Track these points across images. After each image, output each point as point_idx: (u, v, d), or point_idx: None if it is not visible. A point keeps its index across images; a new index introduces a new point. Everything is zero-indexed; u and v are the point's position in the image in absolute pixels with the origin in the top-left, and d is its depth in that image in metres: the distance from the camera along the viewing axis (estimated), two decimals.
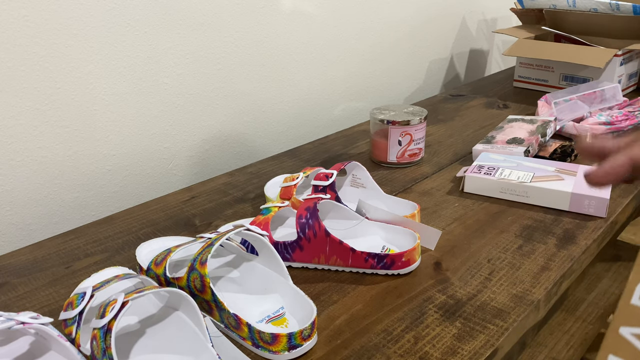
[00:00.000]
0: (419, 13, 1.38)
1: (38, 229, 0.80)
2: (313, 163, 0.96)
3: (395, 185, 0.86)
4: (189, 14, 0.89)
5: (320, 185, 0.70)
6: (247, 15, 0.98)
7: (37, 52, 0.73)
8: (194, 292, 0.54)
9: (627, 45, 1.21)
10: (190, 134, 0.96)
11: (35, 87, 0.75)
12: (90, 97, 0.81)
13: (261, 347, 0.51)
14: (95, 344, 0.46)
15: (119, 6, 0.80)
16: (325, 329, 0.55)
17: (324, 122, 1.21)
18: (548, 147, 0.94)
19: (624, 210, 0.78)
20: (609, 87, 1.08)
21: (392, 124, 0.88)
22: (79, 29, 0.77)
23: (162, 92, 0.89)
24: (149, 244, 0.65)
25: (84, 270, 0.67)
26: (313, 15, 1.10)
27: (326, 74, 1.18)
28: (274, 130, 1.10)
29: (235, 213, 0.79)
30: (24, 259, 0.69)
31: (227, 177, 0.92)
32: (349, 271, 0.64)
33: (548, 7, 1.34)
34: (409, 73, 1.42)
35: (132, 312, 0.55)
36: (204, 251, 0.54)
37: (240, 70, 1.00)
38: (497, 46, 1.79)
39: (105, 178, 0.86)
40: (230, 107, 1.01)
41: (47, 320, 0.47)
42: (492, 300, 0.58)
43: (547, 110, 1.05)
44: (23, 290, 0.63)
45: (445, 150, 0.99)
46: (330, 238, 0.62)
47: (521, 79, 1.38)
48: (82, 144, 0.82)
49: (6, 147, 0.74)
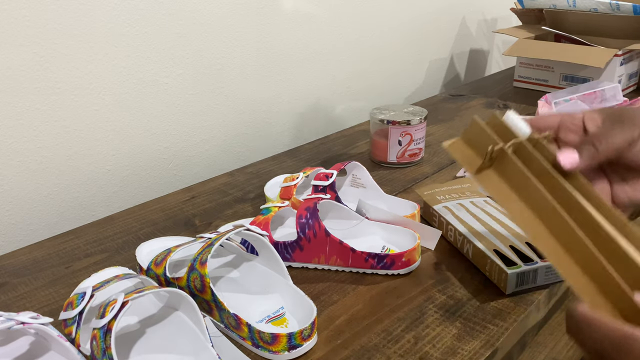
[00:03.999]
0: (419, 13, 1.38)
1: (38, 229, 0.80)
2: (313, 163, 0.96)
3: (395, 185, 0.86)
4: (189, 14, 0.89)
5: (320, 185, 0.70)
6: (247, 15, 0.98)
7: (37, 52, 0.73)
8: (194, 292, 0.54)
9: (627, 45, 1.21)
10: (190, 134, 0.96)
11: (35, 87, 0.75)
12: (90, 97, 0.81)
13: (261, 347, 0.51)
14: (95, 344, 0.46)
15: (119, 6, 0.80)
16: (325, 329, 0.55)
17: (324, 122, 1.21)
18: None
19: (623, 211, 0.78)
20: (609, 87, 1.08)
21: (392, 124, 0.88)
22: (79, 29, 0.77)
23: (162, 92, 0.89)
24: (149, 244, 0.65)
25: (83, 270, 0.67)
26: (313, 16, 1.10)
27: (326, 74, 1.18)
28: (274, 130, 1.10)
29: (235, 213, 0.79)
30: (24, 259, 0.69)
31: (227, 177, 0.92)
32: (349, 271, 0.64)
33: (548, 7, 1.34)
34: (409, 73, 1.42)
35: (132, 312, 0.55)
36: (204, 251, 0.54)
37: (240, 70, 1.00)
38: (497, 46, 1.78)
39: (105, 178, 0.86)
40: (230, 107, 1.01)
41: (47, 320, 0.47)
42: (492, 300, 0.58)
43: (547, 110, 1.05)
44: (23, 290, 0.63)
45: (445, 151, 0.99)
46: (330, 238, 0.62)
47: (521, 79, 1.37)
48: (82, 144, 0.82)
49: (6, 147, 0.74)
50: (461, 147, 0.47)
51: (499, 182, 0.43)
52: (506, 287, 0.58)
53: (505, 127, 0.45)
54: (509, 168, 0.42)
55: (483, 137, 0.44)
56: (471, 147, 0.46)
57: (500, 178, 0.43)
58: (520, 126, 0.44)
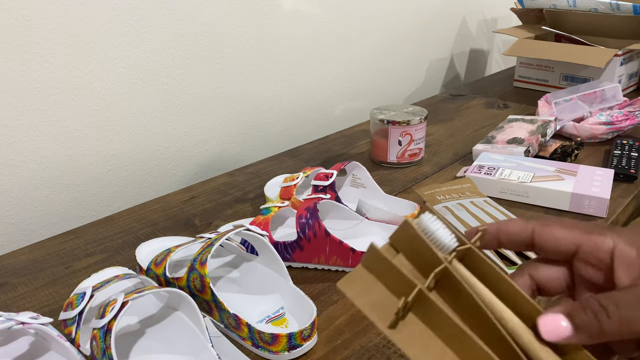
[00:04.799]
0: (419, 13, 1.38)
1: (38, 229, 0.80)
2: (313, 163, 0.96)
3: (395, 185, 0.86)
4: (189, 14, 0.89)
5: (320, 185, 0.70)
6: (247, 15, 0.98)
7: (37, 52, 0.73)
8: (194, 292, 0.54)
9: (627, 45, 1.21)
10: (190, 134, 0.96)
11: (35, 87, 0.75)
12: (90, 97, 0.81)
13: (261, 347, 0.51)
14: (95, 344, 0.45)
15: (119, 6, 0.80)
16: (325, 329, 0.55)
17: (324, 122, 1.21)
18: (548, 147, 0.94)
19: (624, 211, 0.78)
20: (609, 87, 1.08)
21: (392, 124, 0.88)
22: (79, 29, 0.77)
23: (162, 92, 0.89)
24: (148, 244, 0.65)
25: (83, 270, 0.67)
26: (313, 15, 1.10)
27: (326, 74, 1.18)
28: (274, 130, 1.10)
29: (235, 213, 0.79)
30: (24, 259, 0.69)
31: (227, 177, 0.91)
32: (349, 271, 0.64)
33: (548, 7, 1.34)
34: (409, 73, 1.42)
35: (132, 312, 0.55)
36: (204, 251, 0.54)
37: (240, 70, 1.00)
38: (497, 46, 1.78)
39: (105, 178, 0.86)
40: (230, 107, 1.01)
41: (46, 320, 0.47)
42: None
43: (547, 110, 1.05)
44: (23, 290, 0.63)
45: (445, 150, 0.99)
46: (330, 238, 0.62)
47: (521, 79, 1.37)
48: (82, 144, 0.82)
49: (6, 147, 0.74)
50: (364, 284, 0.30)
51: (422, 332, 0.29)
52: None
53: (420, 240, 0.29)
54: (431, 312, 0.28)
55: (390, 272, 0.29)
56: (378, 282, 0.30)
57: (423, 326, 0.29)
58: (442, 239, 0.30)
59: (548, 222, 0.32)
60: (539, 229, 0.31)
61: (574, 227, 0.31)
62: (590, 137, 0.99)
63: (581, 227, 0.31)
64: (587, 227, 0.31)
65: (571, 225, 0.31)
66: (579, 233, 0.30)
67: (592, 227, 0.31)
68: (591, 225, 0.31)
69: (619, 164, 0.86)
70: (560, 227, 0.31)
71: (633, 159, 0.88)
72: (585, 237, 0.30)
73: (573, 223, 0.31)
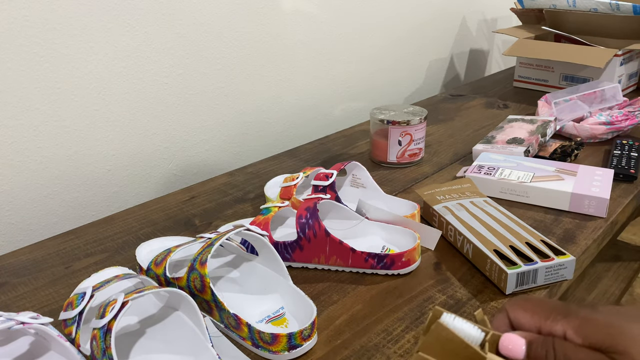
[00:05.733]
0: (419, 13, 1.38)
1: (38, 229, 0.80)
2: (313, 163, 0.96)
3: (395, 185, 0.86)
4: (189, 14, 0.89)
5: (320, 185, 0.70)
6: (247, 15, 0.98)
7: (37, 52, 0.73)
8: (194, 292, 0.54)
9: (627, 45, 1.21)
10: (190, 134, 0.96)
11: (35, 87, 0.75)
12: (90, 97, 0.81)
13: (261, 347, 0.51)
14: (95, 344, 0.46)
15: (119, 6, 0.80)
16: (325, 329, 0.55)
17: (324, 122, 1.21)
18: (548, 147, 0.94)
19: (624, 210, 0.78)
20: (609, 87, 1.08)
21: (392, 124, 0.88)
22: (79, 29, 0.77)
23: (162, 92, 0.89)
24: (148, 244, 0.65)
25: (83, 270, 0.67)
26: (313, 15, 1.10)
27: (326, 74, 1.18)
28: (274, 130, 1.10)
29: (235, 213, 0.79)
30: (24, 259, 0.69)
31: (227, 177, 0.92)
32: (349, 271, 0.64)
33: (548, 7, 1.34)
34: (409, 73, 1.42)
35: (132, 312, 0.55)
36: (204, 251, 0.54)
37: (240, 70, 1.00)
38: (497, 46, 1.78)
39: (105, 178, 0.86)
40: (230, 107, 1.01)
41: (47, 320, 0.47)
42: (492, 300, 0.58)
43: (547, 110, 1.05)
44: (23, 290, 0.63)
45: (445, 150, 0.99)
46: (330, 238, 0.62)
47: (521, 79, 1.37)
48: (82, 144, 0.82)
49: (6, 147, 0.74)
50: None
51: None
52: (506, 287, 0.58)
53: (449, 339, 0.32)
54: None
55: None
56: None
57: None
58: (472, 333, 0.32)
59: (514, 305, 0.35)
60: (510, 314, 0.35)
61: (534, 312, 0.34)
62: (590, 137, 0.99)
63: (542, 311, 0.34)
64: (549, 309, 0.33)
65: (533, 308, 0.34)
66: (538, 319, 0.33)
67: (553, 309, 0.33)
68: (554, 307, 0.33)
69: (618, 164, 0.86)
70: (522, 312, 0.34)
71: (633, 159, 0.88)
72: (543, 322, 0.33)
73: (538, 304, 0.34)
